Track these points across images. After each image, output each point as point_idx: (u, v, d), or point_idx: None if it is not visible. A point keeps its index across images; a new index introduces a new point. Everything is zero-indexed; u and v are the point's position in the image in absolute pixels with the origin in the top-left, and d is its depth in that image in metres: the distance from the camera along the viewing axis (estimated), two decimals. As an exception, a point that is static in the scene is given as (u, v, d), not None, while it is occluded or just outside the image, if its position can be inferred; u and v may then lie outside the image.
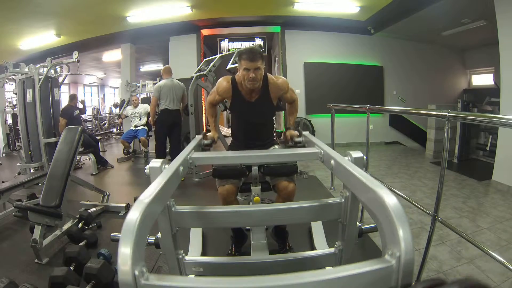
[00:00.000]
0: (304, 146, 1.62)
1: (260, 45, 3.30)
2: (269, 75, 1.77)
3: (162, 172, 0.95)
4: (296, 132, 1.75)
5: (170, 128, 4.02)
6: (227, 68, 3.30)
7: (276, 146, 1.96)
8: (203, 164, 1.33)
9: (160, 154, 4.00)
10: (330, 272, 0.59)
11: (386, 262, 0.58)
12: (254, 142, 1.87)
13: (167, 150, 4.23)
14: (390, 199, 0.65)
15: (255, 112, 1.80)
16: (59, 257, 1.94)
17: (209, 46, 7.36)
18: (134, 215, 0.62)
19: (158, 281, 0.56)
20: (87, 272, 1.54)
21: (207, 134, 1.79)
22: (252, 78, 1.61)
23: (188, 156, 1.21)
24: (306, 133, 1.67)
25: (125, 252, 0.55)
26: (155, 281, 0.56)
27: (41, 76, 3.85)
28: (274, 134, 2.09)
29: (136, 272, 0.54)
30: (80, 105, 5.12)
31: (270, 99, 1.79)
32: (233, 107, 1.84)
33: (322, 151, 1.22)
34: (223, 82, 1.80)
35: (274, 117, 2.12)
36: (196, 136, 1.77)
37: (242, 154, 1.47)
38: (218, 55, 3.68)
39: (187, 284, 0.58)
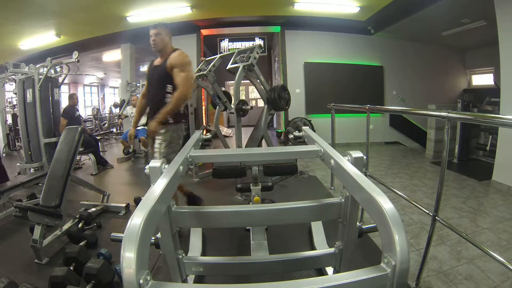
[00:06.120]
0: (304, 142, 1.60)
1: (260, 45, 3.28)
2: (179, 51, 2.08)
3: (162, 173, 0.95)
4: (155, 125, 1.95)
5: None
6: (227, 68, 3.30)
7: (163, 131, 2.03)
8: (202, 161, 1.33)
9: None
10: (326, 280, 0.61)
11: (382, 270, 0.60)
12: (153, 110, 2.09)
13: None
14: (387, 205, 0.65)
15: (152, 74, 2.13)
16: (59, 257, 1.93)
17: (209, 46, 7.36)
18: (137, 220, 0.61)
19: None
20: (87, 272, 1.54)
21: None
22: (152, 40, 2.05)
23: (188, 155, 1.21)
24: (306, 128, 1.64)
25: (129, 259, 0.54)
26: None
27: (41, 76, 3.84)
28: (171, 121, 1.99)
29: (141, 281, 0.54)
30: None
31: (165, 66, 2.03)
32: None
33: (322, 149, 1.21)
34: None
35: (169, 86, 2.06)
36: (196, 131, 1.76)
37: (241, 152, 1.48)
38: (218, 55, 3.68)
39: None
